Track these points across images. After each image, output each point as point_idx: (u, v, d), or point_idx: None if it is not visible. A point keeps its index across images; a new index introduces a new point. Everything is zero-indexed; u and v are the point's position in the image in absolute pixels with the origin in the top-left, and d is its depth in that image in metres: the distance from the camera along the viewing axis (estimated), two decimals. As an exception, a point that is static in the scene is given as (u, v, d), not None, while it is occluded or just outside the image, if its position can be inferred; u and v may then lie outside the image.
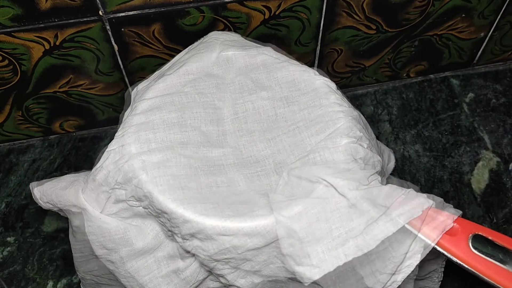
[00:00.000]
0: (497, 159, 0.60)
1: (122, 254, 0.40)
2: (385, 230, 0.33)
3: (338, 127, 0.40)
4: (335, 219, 0.33)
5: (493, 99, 0.65)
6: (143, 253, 0.40)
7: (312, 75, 0.44)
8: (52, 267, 0.53)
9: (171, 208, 0.36)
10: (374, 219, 0.33)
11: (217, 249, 0.36)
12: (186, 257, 0.39)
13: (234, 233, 0.35)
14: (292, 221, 0.33)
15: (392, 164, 0.55)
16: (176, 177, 0.38)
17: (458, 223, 0.34)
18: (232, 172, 0.41)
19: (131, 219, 0.40)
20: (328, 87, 0.43)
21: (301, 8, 0.53)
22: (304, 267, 0.32)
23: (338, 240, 0.33)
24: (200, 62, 0.45)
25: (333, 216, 0.33)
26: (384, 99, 0.65)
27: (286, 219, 0.34)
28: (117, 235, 0.40)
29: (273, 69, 0.44)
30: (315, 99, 0.43)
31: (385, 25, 0.58)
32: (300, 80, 0.44)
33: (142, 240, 0.39)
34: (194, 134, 0.42)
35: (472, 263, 0.33)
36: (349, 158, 0.38)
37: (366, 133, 0.41)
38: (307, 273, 0.32)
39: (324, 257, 0.32)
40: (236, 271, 0.39)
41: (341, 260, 0.32)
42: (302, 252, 0.32)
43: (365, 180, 0.36)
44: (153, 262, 0.40)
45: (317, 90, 0.43)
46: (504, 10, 0.60)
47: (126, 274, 0.41)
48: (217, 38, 0.47)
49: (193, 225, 0.35)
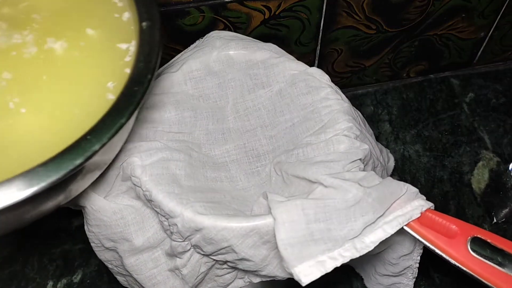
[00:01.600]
0: (497, 159, 0.60)
1: (124, 248, 0.40)
2: (383, 232, 0.33)
3: (325, 122, 0.41)
4: (333, 220, 0.33)
5: (493, 99, 0.65)
6: (141, 250, 0.40)
7: (306, 69, 0.44)
8: (52, 267, 0.53)
9: (169, 207, 0.36)
10: (372, 221, 0.33)
11: (215, 248, 0.36)
12: (184, 254, 0.38)
13: (232, 232, 0.35)
14: (291, 221, 0.33)
15: (392, 163, 0.55)
16: (176, 176, 0.38)
17: (457, 226, 0.34)
18: (234, 169, 0.41)
19: (133, 215, 0.40)
20: (319, 81, 0.43)
21: (301, 8, 0.53)
22: (301, 268, 0.32)
23: (336, 241, 0.33)
24: (201, 59, 0.45)
25: (332, 217, 0.33)
26: (384, 99, 0.65)
27: (284, 219, 0.34)
28: (118, 229, 0.40)
29: (270, 65, 0.45)
30: (308, 95, 0.43)
31: (385, 25, 0.58)
32: (296, 76, 0.44)
33: (142, 236, 0.39)
34: (197, 133, 0.43)
35: (470, 266, 0.33)
36: (335, 151, 0.38)
37: (357, 124, 0.41)
38: (304, 274, 0.32)
39: (322, 258, 0.32)
40: (234, 271, 0.39)
41: (338, 261, 0.32)
42: (300, 253, 0.32)
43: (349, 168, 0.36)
44: (152, 259, 0.40)
45: (310, 85, 0.43)
46: (504, 10, 0.60)
47: (127, 269, 0.41)
48: (218, 37, 0.47)
49: (191, 224, 0.35)
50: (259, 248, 0.35)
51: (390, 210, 0.34)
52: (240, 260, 0.36)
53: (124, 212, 0.40)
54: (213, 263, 0.38)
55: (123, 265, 0.41)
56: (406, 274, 0.43)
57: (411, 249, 0.40)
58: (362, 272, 0.49)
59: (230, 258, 0.36)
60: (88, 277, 0.52)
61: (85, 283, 0.52)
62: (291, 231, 0.33)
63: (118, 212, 0.40)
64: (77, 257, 0.54)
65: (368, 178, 0.35)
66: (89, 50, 0.34)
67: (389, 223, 0.33)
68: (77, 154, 0.28)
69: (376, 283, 0.46)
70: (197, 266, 0.38)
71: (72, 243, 0.54)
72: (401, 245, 0.40)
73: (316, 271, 0.32)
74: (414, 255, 0.40)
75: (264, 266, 0.36)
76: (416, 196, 0.35)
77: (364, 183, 0.35)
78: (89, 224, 0.41)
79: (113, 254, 0.42)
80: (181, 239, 0.37)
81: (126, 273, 0.42)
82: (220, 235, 0.35)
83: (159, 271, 0.41)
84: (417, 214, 0.34)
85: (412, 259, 0.41)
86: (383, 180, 0.35)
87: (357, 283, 0.51)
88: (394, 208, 0.34)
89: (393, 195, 0.34)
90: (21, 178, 0.26)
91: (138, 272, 0.41)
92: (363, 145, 0.39)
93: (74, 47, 0.34)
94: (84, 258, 0.53)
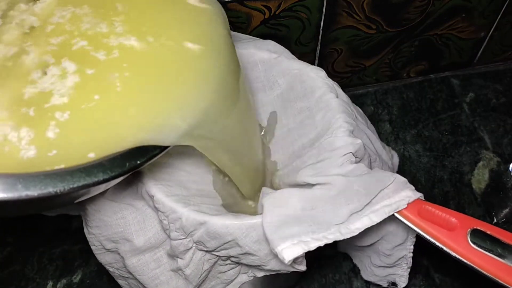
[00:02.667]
0: (498, 159, 0.59)
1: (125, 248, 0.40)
2: (368, 220, 0.34)
3: (319, 130, 0.42)
4: (319, 209, 0.34)
5: (494, 99, 0.65)
6: (143, 251, 0.40)
7: (304, 67, 0.44)
8: (52, 267, 0.53)
9: (171, 206, 0.36)
10: (359, 209, 0.34)
11: (219, 243, 0.36)
12: (185, 253, 0.38)
13: (237, 226, 0.35)
14: (277, 207, 0.34)
15: (396, 159, 0.54)
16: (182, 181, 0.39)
17: (456, 218, 0.34)
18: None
19: (133, 215, 0.40)
20: (314, 80, 0.43)
21: (301, 8, 0.53)
22: (284, 246, 0.33)
23: (321, 225, 0.34)
24: None
25: (317, 205, 0.34)
26: (384, 99, 0.65)
27: (271, 205, 0.34)
28: (118, 229, 0.40)
29: (270, 66, 0.45)
30: (303, 97, 0.44)
31: (385, 25, 0.58)
32: (294, 76, 0.44)
33: (143, 236, 0.39)
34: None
35: (471, 257, 0.33)
36: (327, 151, 0.39)
37: (351, 120, 0.41)
38: (286, 252, 0.32)
39: (306, 238, 0.33)
40: (237, 266, 0.39)
41: (321, 242, 0.33)
42: (283, 233, 0.33)
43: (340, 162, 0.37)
44: (154, 260, 0.40)
45: (306, 87, 0.44)
46: (505, 10, 0.60)
47: (130, 270, 0.41)
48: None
49: (196, 217, 0.35)
50: (263, 242, 0.35)
51: (377, 199, 0.34)
52: (244, 255, 0.36)
53: (125, 211, 0.40)
54: (216, 259, 0.38)
55: (125, 267, 0.41)
56: (401, 265, 0.43)
57: (404, 239, 0.40)
58: (359, 264, 0.49)
59: (234, 252, 0.36)
60: (88, 277, 0.52)
61: (85, 283, 0.52)
62: (277, 216, 0.34)
63: (118, 212, 0.40)
64: (77, 257, 0.54)
65: (356, 169, 0.36)
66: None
67: (375, 212, 0.34)
68: (142, 156, 0.28)
69: (372, 275, 0.46)
70: (200, 264, 0.38)
71: (72, 243, 0.54)
72: (394, 235, 0.40)
73: (299, 249, 0.32)
74: (408, 244, 0.41)
75: (268, 261, 0.37)
76: (404, 186, 0.35)
77: (350, 174, 0.36)
78: (89, 226, 0.41)
79: (114, 256, 0.42)
80: (184, 236, 0.37)
81: (128, 276, 0.42)
82: (224, 229, 0.35)
83: (161, 271, 0.41)
84: (403, 204, 0.34)
85: (406, 249, 0.41)
86: (372, 170, 0.36)
87: (357, 283, 0.51)
88: (381, 198, 0.34)
89: (380, 183, 0.35)
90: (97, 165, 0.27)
91: (140, 272, 0.40)
92: (356, 140, 0.39)
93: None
94: (84, 258, 0.53)
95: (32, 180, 0.26)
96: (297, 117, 0.43)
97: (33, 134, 0.27)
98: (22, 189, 0.25)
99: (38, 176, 0.26)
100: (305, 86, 0.43)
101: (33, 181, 0.26)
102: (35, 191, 0.26)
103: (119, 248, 0.40)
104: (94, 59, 0.30)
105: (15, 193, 0.25)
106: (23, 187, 0.25)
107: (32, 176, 0.26)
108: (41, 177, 0.26)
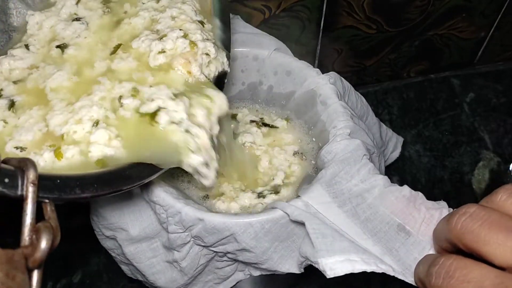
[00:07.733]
0: (498, 159, 0.59)
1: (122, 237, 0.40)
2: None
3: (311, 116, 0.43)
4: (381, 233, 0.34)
5: (494, 99, 0.65)
6: (139, 240, 0.40)
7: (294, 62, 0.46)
8: (52, 267, 0.53)
9: (168, 202, 0.36)
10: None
11: (216, 238, 0.36)
12: (183, 247, 0.38)
13: (235, 221, 0.35)
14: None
15: (396, 154, 0.53)
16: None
17: None
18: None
19: (128, 206, 0.40)
20: (304, 77, 0.44)
21: (301, 7, 0.53)
22: (329, 261, 0.31)
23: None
24: None
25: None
26: (384, 99, 0.65)
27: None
28: (113, 219, 0.40)
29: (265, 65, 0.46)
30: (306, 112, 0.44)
31: (386, 25, 0.58)
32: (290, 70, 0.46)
33: (138, 226, 0.39)
34: None
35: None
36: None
37: (347, 122, 0.41)
38: (330, 268, 0.31)
39: (354, 257, 0.32)
40: (234, 263, 0.39)
41: (370, 268, 0.31)
42: (331, 245, 0.32)
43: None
44: (151, 249, 0.40)
45: (306, 103, 0.45)
46: (505, 10, 0.60)
47: (128, 257, 0.41)
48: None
49: (196, 213, 0.35)
50: (260, 240, 0.35)
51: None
52: (241, 251, 0.36)
53: (120, 203, 0.40)
54: (213, 255, 0.38)
55: (123, 254, 0.41)
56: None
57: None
58: None
59: (231, 248, 0.36)
60: (88, 277, 0.52)
61: (85, 283, 0.52)
62: (323, 223, 0.32)
63: (113, 203, 0.40)
64: (77, 257, 0.54)
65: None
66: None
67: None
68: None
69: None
70: (196, 259, 0.38)
71: (72, 243, 0.54)
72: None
73: (343, 268, 0.30)
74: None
75: (264, 260, 0.36)
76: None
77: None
78: (91, 213, 0.42)
79: (114, 243, 0.42)
80: (182, 230, 0.37)
81: (127, 262, 0.42)
82: (222, 224, 0.35)
83: (158, 261, 0.41)
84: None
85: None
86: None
87: (356, 283, 0.51)
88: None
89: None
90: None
91: (137, 260, 0.41)
92: (353, 141, 0.38)
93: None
94: (84, 258, 0.53)
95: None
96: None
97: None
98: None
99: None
100: (305, 97, 0.45)
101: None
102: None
103: (117, 236, 0.41)
104: None
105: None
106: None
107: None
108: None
